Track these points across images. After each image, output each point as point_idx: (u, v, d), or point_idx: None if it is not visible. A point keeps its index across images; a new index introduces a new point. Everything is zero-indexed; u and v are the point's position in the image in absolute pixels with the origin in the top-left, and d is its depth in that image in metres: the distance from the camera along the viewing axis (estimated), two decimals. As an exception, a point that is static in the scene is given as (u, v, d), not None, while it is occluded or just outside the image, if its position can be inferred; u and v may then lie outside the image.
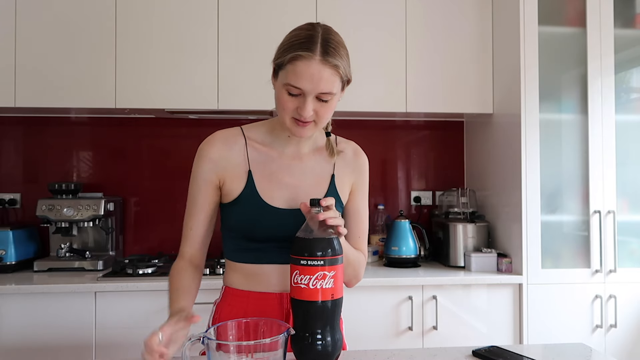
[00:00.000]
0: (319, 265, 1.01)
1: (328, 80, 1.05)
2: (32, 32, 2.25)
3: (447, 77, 2.45)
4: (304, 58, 1.02)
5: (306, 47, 1.03)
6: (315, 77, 1.03)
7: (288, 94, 1.07)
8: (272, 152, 1.20)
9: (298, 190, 1.18)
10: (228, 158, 1.17)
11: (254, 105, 2.34)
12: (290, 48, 1.05)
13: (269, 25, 2.35)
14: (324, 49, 1.04)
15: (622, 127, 2.27)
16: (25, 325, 1.98)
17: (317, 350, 1.04)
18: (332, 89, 1.06)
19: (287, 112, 1.08)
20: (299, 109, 1.07)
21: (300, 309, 1.04)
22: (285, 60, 1.04)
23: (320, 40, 1.04)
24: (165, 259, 2.37)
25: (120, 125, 2.62)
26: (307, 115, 1.07)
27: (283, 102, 1.08)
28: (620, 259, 2.23)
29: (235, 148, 1.19)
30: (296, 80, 1.04)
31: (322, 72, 1.03)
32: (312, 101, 1.06)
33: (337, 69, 1.06)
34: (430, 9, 2.44)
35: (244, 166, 1.17)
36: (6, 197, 2.53)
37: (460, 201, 2.56)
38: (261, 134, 1.21)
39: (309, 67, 1.02)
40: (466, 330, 2.18)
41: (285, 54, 1.05)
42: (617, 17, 2.26)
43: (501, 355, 1.16)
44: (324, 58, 1.03)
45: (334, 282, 1.02)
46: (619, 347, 2.21)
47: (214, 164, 1.17)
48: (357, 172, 1.27)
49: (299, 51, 1.02)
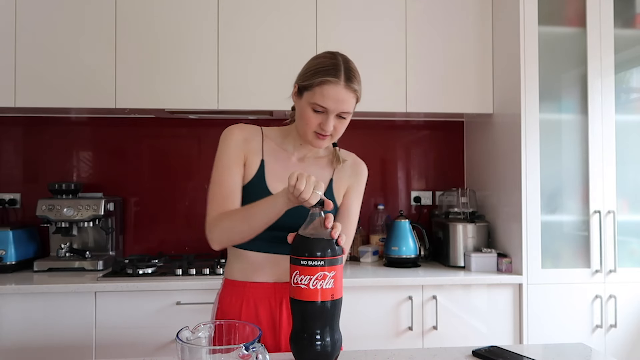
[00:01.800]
0: (319, 265, 1.02)
1: (348, 102, 1.24)
2: (32, 32, 2.25)
3: (447, 77, 2.45)
4: (332, 83, 1.22)
5: (333, 74, 1.22)
6: (339, 99, 1.22)
7: (313, 111, 1.25)
8: (282, 152, 1.37)
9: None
10: (249, 142, 1.35)
11: (254, 105, 2.35)
12: (318, 73, 1.23)
13: (269, 25, 2.35)
14: (346, 76, 1.23)
15: (622, 127, 2.27)
16: (25, 325, 1.98)
17: (317, 350, 1.03)
18: (350, 108, 1.26)
19: (311, 127, 1.26)
20: (322, 124, 1.25)
21: (300, 309, 1.04)
22: (314, 83, 1.23)
23: (344, 69, 1.23)
24: (165, 259, 2.38)
25: (120, 125, 2.62)
26: (329, 130, 1.25)
27: (307, 118, 1.26)
28: (620, 259, 2.23)
29: (255, 138, 1.37)
30: (323, 101, 1.22)
31: (345, 95, 1.23)
32: (333, 119, 1.25)
33: (356, 93, 1.25)
34: (430, 9, 2.44)
35: (259, 155, 1.34)
36: (6, 197, 2.53)
37: (460, 201, 2.56)
38: (276, 135, 1.40)
39: (335, 92, 1.22)
40: (466, 330, 2.18)
41: (313, 78, 1.24)
42: (617, 17, 2.26)
43: (501, 355, 1.16)
44: (347, 84, 1.22)
45: (334, 283, 1.03)
46: (619, 347, 2.21)
47: (240, 143, 1.34)
48: (353, 177, 1.40)
49: (327, 77, 1.22)
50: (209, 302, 2.05)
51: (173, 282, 2.05)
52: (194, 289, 2.05)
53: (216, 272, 2.14)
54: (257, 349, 0.86)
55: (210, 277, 2.11)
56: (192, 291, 2.05)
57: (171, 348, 2.03)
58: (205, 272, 2.13)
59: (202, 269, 2.15)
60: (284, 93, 2.36)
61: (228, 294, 1.34)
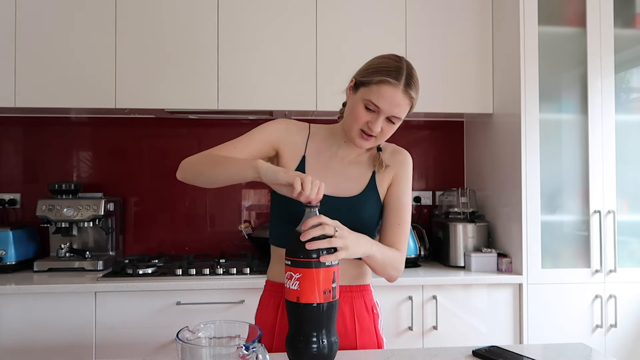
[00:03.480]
0: (287, 264, 1.03)
1: (402, 107, 1.22)
2: (32, 32, 2.25)
3: (447, 77, 2.45)
4: (391, 84, 1.19)
5: (395, 76, 1.20)
6: (394, 102, 1.20)
7: (365, 109, 1.22)
8: (326, 150, 1.34)
9: (339, 186, 1.29)
10: (293, 135, 1.34)
11: (254, 105, 2.35)
12: (379, 72, 1.21)
13: (268, 25, 2.35)
14: (407, 81, 1.21)
15: (622, 127, 2.27)
16: (25, 325, 1.98)
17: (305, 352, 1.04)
18: (402, 114, 1.23)
19: (358, 123, 1.23)
20: (370, 123, 1.22)
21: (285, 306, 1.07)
22: (373, 81, 1.20)
23: (406, 74, 1.21)
24: (165, 259, 2.38)
25: (120, 125, 2.62)
26: (376, 131, 1.23)
27: (357, 113, 1.23)
28: (620, 259, 2.23)
29: (301, 134, 1.35)
30: (378, 100, 1.20)
31: (401, 100, 1.20)
32: (382, 120, 1.22)
33: (412, 101, 1.23)
34: (430, 9, 2.44)
35: (301, 150, 1.33)
36: (6, 197, 2.53)
37: (460, 201, 2.56)
38: (323, 133, 1.37)
39: (393, 94, 1.19)
40: (466, 330, 2.18)
41: (373, 76, 1.21)
42: (617, 17, 2.26)
43: (501, 355, 1.16)
44: (406, 89, 1.20)
45: (299, 285, 1.01)
46: (619, 347, 2.21)
47: (281, 132, 1.34)
48: (397, 166, 1.36)
49: (388, 77, 1.19)
50: (209, 302, 2.06)
51: (173, 282, 2.05)
52: (194, 289, 2.05)
53: (216, 272, 2.14)
54: (257, 349, 0.86)
55: (210, 277, 2.11)
56: (192, 291, 2.05)
57: (171, 348, 2.03)
58: (205, 272, 2.13)
59: (202, 269, 2.15)
60: (284, 93, 2.37)
61: (268, 295, 1.33)
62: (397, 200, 1.35)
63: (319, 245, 1.03)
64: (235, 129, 2.65)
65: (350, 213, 1.26)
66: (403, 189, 1.36)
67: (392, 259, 1.28)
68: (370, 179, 1.33)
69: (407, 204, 1.37)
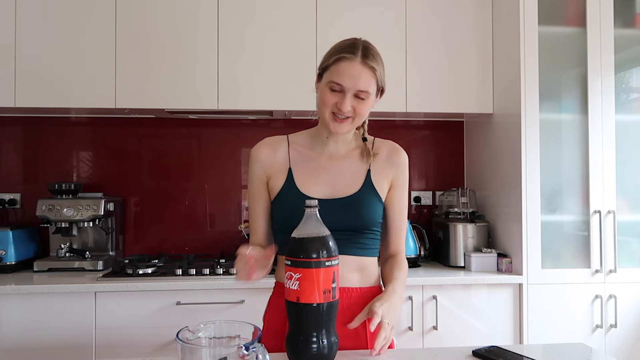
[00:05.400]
0: (287, 264, 1.03)
1: (366, 80, 1.20)
2: (31, 33, 2.25)
3: (447, 77, 2.45)
4: (347, 59, 1.19)
5: (349, 51, 1.20)
6: (355, 76, 1.19)
7: (330, 91, 1.21)
8: (312, 153, 1.33)
9: (335, 185, 1.29)
10: (273, 157, 1.33)
11: (254, 105, 2.35)
12: (335, 52, 1.22)
13: (268, 25, 2.35)
14: (364, 53, 1.21)
15: (622, 127, 2.27)
16: (25, 325, 1.98)
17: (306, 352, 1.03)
18: (368, 88, 1.21)
19: (328, 107, 1.23)
20: (339, 103, 1.21)
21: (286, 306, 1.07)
22: (330, 62, 1.21)
23: (362, 47, 1.22)
24: (165, 259, 2.37)
25: (120, 125, 2.62)
26: (346, 110, 1.21)
27: (325, 98, 1.23)
28: (620, 259, 2.23)
29: (280, 149, 1.34)
30: (339, 77, 1.19)
31: (361, 72, 1.20)
32: (350, 98, 1.21)
33: (374, 72, 1.22)
34: (430, 9, 2.44)
35: (286, 164, 1.31)
36: (6, 197, 2.53)
37: (460, 201, 2.56)
38: (303, 138, 1.36)
39: (350, 67, 1.19)
40: (466, 330, 2.18)
41: (330, 58, 1.22)
42: (617, 17, 2.26)
43: (501, 355, 1.16)
44: (364, 60, 1.20)
45: (298, 285, 1.01)
46: (619, 347, 2.21)
47: (261, 163, 1.33)
48: (395, 168, 1.34)
49: (342, 54, 1.20)
50: (209, 302, 2.06)
51: (173, 282, 2.05)
52: (194, 289, 2.05)
53: (216, 272, 2.14)
54: (257, 349, 0.86)
55: (210, 277, 2.11)
56: (192, 291, 2.05)
57: (171, 348, 2.03)
58: (205, 272, 2.13)
59: (202, 269, 2.15)
60: (284, 93, 2.37)
61: (278, 296, 1.31)
62: (398, 204, 1.35)
63: (383, 350, 1.10)
64: (235, 129, 2.68)
65: (349, 213, 1.25)
66: (400, 195, 1.35)
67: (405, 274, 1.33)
68: (367, 175, 1.30)
69: (406, 207, 1.38)
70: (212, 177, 2.67)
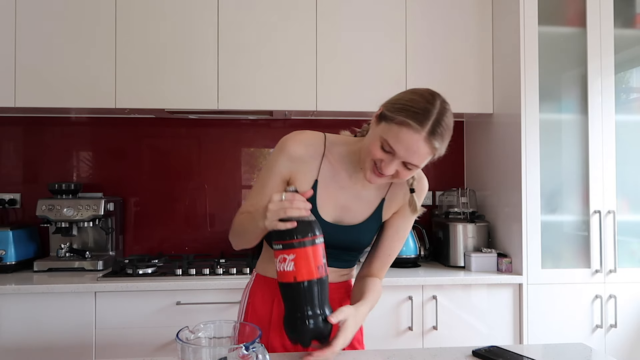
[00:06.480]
0: (278, 249, 1.05)
1: (421, 156, 1.09)
2: (32, 32, 2.25)
3: (447, 77, 2.45)
4: (412, 129, 1.06)
5: (419, 120, 1.06)
6: (413, 149, 1.07)
7: (381, 147, 1.10)
8: (342, 172, 1.25)
9: (347, 212, 1.26)
10: (305, 161, 1.24)
11: (254, 105, 2.35)
12: (404, 111, 1.07)
13: (268, 25, 2.35)
14: (433, 128, 1.06)
15: (622, 127, 2.27)
16: (25, 325, 1.98)
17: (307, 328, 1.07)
18: (420, 163, 1.11)
19: (372, 158, 1.13)
20: (383, 162, 1.11)
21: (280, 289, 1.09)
22: (395, 120, 1.07)
23: (434, 119, 1.07)
24: (165, 259, 2.37)
25: (120, 125, 2.62)
26: (387, 173, 1.12)
27: (373, 149, 1.12)
28: (620, 259, 2.23)
29: (314, 155, 1.24)
30: (395, 143, 1.07)
31: (421, 148, 1.07)
32: (398, 164, 1.11)
33: (435, 151, 1.09)
34: (430, 9, 2.44)
35: (313, 175, 1.24)
36: (6, 197, 2.53)
37: (460, 201, 2.56)
38: (340, 151, 1.26)
39: (411, 139, 1.06)
40: (466, 330, 2.18)
41: (397, 114, 1.07)
42: (617, 17, 2.26)
43: (501, 355, 1.16)
44: (429, 137, 1.06)
45: (294, 265, 1.04)
46: (619, 347, 2.21)
47: (291, 161, 1.24)
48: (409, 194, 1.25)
49: (410, 120, 1.05)
50: (210, 302, 2.06)
51: (173, 282, 2.05)
52: (194, 289, 2.05)
53: (216, 272, 2.14)
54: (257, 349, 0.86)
55: (210, 277, 2.11)
56: (192, 291, 2.05)
57: (171, 348, 2.03)
58: (205, 272, 2.13)
59: (202, 269, 2.15)
60: (284, 93, 2.37)
61: (260, 288, 1.32)
62: (395, 231, 1.30)
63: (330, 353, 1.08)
64: (235, 129, 2.68)
65: (350, 239, 1.26)
66: (406, 221, 1.30)
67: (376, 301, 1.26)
68: (378, 206, 1.27)
69: (403, 237, 1.32)
70: (212, 177, 2.67)
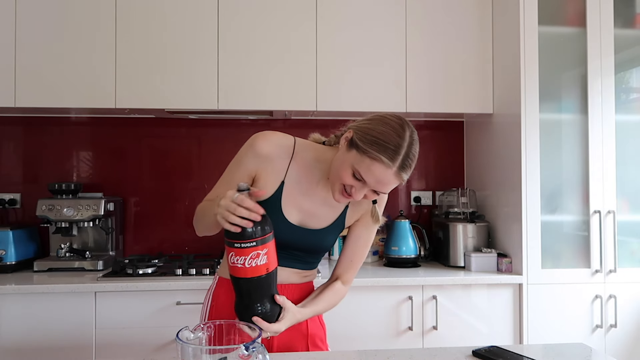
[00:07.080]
0: (252, 246, 1.07)
1: (390, 186, 1.15)
2: (32, 32, 2.25)
3: (447, 77, 2.45)
4: (383, 165, 1.11)
5: (390, 157, 1.10)
6: (383, 182, 1.13)
7: (352, 175, 1.14)
8: (309, 177, 1.28)
9: (311, 216, 1.29)
10: (273, 160, 1.25)
11: (254, 105, 2.35)
12: (376, 144, 1.11)
13: (268, 25, 2.35)
14: (402, 163, 1.12)
15: (622, 127, 2.27)
16: (25, 325, 1.98)
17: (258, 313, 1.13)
18: (388, 191, 1.17)
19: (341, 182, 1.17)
20: (353, 189, 1.16)
21: (239, 285, 1.13)
22: (367, 153, 1.11)
23: (403, 154, 1.12)
24: (165, 259, 2.38)
25: (120, 125, 2.62)
26: (357, 198, 1.17)
27: (344, 175, 1.15)
28: (620, 259, 2.23)
29: (283, 156, 1.26)
30: (366, 174, 1.12)
31: (391, 180, 1.13)
32: (367, 191, 1.16)
33: (402, 181, 1.15)
34: (430, 9, 2.44)
35: (280, 175, 1.26)
36: (6, 197, 2.53)
37: (460, 201, 2.56)
38: (309, 157, 1.28)
39: (383, 173, 1.11)
40: (466, 330, 2.18)
41: (369, 147, 1.11)
42: (617, 17, 2.26)
43: (501, 355, 1.17)
44: (399, 171, 1.12)
45: (267, 258, 1.09)
46: (619, 347, 2.21)
47: (258, 158, 1.25)
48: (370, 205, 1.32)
49: (382, 155, 1.10)
50: (209, 302, 2.06)
51: (173, 282, 2.05)
52: (194, 289, 2.04)
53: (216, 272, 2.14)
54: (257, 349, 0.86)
55: (210, 277, 2.11)
56: (192, 291, 2.05)
57: (171, 348, 2.03)
58: (205, 272, 2.13)
59: (202, 269, 2.15)
60: (284, 93, 2.37)
61: (223, 292, 1.33)
62: (358, 237, 1.35)
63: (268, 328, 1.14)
64: (235, 129, 2.68)
65: (313, 242, 1.29)
66: (368, 230, 1.35)
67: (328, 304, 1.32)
68: (342, 212, 1.31)
69: (366, 244, 1.36)
70: (212, 177, 2.66)
